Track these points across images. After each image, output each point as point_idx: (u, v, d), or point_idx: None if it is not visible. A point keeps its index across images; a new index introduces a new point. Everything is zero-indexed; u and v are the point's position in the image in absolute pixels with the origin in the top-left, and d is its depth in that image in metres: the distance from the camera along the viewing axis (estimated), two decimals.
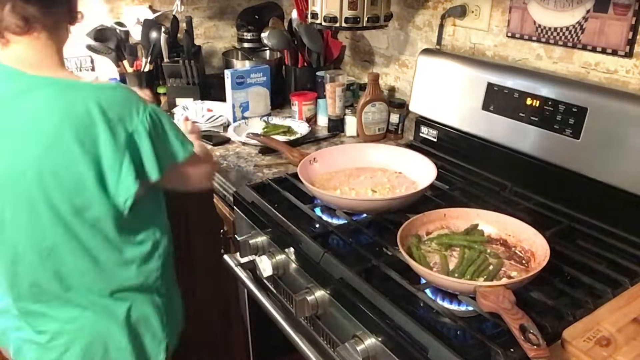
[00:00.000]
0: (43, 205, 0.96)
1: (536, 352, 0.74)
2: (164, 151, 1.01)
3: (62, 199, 0.95)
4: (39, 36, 0.96)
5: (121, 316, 1.09)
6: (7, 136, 0.95)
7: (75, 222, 0.98)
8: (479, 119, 1.41)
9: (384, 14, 1.62)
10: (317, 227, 1.19)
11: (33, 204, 0.96)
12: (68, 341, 1.08)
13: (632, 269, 1.01)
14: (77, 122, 0.91)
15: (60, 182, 0.94)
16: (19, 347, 1.12)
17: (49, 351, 1.08)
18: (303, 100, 1.84)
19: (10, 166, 0.95)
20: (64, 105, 0.91)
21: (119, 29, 2.01)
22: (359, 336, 0.93)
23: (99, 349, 1.09)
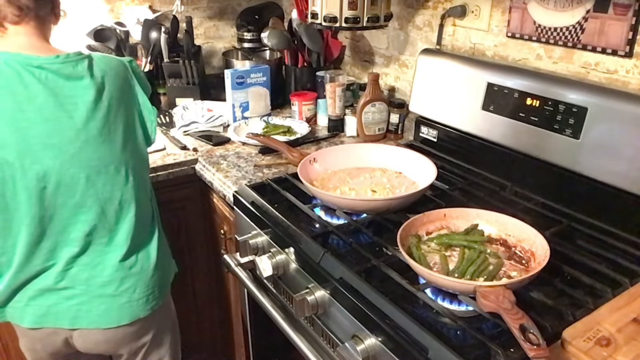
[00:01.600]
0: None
1: (536, 352, 0.74)
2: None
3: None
4: (34, 25, 1.10)
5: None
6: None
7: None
8: (479, 119, 1.41)
9: (384, 14, 1.62)
10: (317, 227, 1.19)
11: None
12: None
13: (632, 269, 1.01)
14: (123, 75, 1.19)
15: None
16: (78, 309, 1.17)
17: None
18: (303, 100, 1.84)
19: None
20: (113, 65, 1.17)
21: (119, 29, 2.01)
22: (359, 336, 0.93)
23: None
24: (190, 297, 1.81)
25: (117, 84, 1.14)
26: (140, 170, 1.20)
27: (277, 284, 1.22)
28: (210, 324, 1.88)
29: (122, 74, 1.16)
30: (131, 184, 1.16)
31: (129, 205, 1.17)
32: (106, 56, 1.18)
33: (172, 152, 1.65)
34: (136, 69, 1.22)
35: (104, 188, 1.13)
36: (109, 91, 1.12)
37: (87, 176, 1.10)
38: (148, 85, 1.25)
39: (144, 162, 1.24)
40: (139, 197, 1.19)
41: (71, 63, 1.09)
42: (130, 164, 1.16)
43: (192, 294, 1.81)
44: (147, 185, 1.25)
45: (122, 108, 1.14)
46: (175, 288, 1.33)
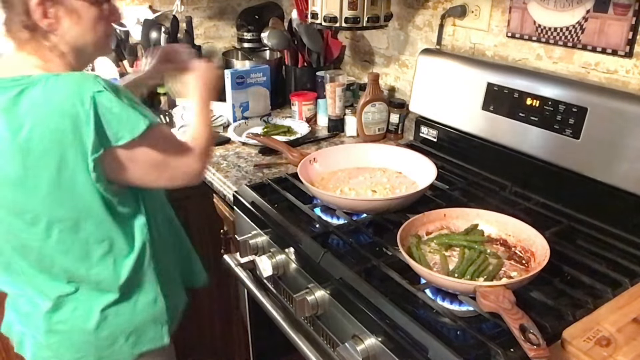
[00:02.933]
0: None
1: (536, 352, 0.74)
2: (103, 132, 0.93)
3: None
4: (12, 37, 0.97)
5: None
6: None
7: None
8: (479, 119, 1.41)
9: (384, 14, 1.62)
10: (317, 227, 1.19)
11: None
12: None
13: (632, 269, 1.01)
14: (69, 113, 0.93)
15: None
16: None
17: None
18: (303, 100, 1.84)
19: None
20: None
21: (119, 29, 2.01)
22: (359, 336, 0.93)
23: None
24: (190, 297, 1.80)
25: (50, 124, 0.88)
26: (78, 225, 0.98)
27: (277, 284, 1.22)
28: (210, 324, 1.87)
29: (65, 112, 0.88)
30: (54, 239, 0.98)
31: (51, 259, 1.00)
32: (56, 87, 0.90)
33: None
34: (102, 103, 0.89)
35: (19, 235, 0.99)
36: (31, 131, 0.88)
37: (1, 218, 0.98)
38: (123, 129, 0.91)
39: (88, 215, 0.97)
40: (69, 253, 1.00)
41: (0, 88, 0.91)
42: (57, 216, 0.96)
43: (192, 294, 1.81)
44: (86, 243, 1.00)
45: (52, 152, 0.90)
46: None
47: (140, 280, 1.08)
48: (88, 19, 0.97)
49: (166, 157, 1.00)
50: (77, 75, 0.92)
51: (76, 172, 0.92)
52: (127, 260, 1.04)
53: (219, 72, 1.24)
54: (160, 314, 1.11)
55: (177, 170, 1.03)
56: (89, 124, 0.89)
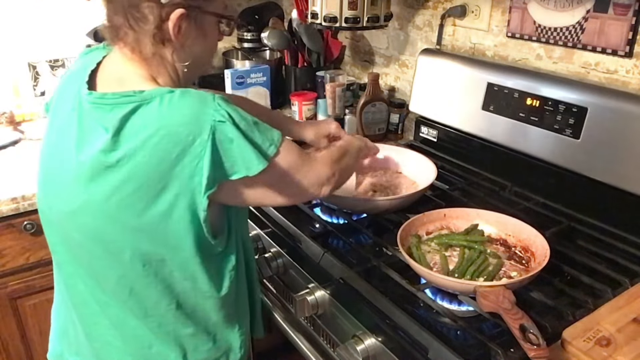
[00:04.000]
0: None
1: (536, 352, 0.74)
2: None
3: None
4: (125, 47, 0.87)
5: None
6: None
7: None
8: (479, 119, 1.41)
9: (384, 14, 1.62)
10: (317, 227, 1.19)
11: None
12: None
13: (632, 269, 1.01)
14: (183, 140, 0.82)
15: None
16: None
17: None
18: (303, 100, 1.84)
19: None
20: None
21: None
22: (359, 336, 0.93)
23: None
24: None
25: (159, 149, 0.78)
26: (164, 261, 0.87)
27: (277, 284, 1.22)
28: None
29: (179, 139, 0.77)
30: (136, 272, 0.88)
31: (128, 291, 0.90)
32: (172, 108, 0.79)
33: None
34: (223, 133, 0.78)
35: (98, 262, 0.89)
36: (135, 154, 0.78)
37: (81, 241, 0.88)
38: (248, 163, 0.80)
39: (177, 252, 0.86)
40: (149, 284, 0.89)
41: (105, 106, 0.81)
42: (142, 250, 0.86)
43: None
44: (175, 284, 0.90)
45: (153, 181, 0.80)
46: None
47: (221, 318, 0.98)
48: (212, 37, 0.92)
49: (297, 168, 0.88)
50: (196, 96, 0.81)
51: (174, 206, 0.81)
52: (210, 300, 0.94)
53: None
54: (233, 350, 1.01)
55: (299, 189, 0.91)
56: (203, 157, 0.78)
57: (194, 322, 0.95)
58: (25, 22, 1.88)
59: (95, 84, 0.88)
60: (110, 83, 0.87)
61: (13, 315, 1.48)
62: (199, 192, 0.80)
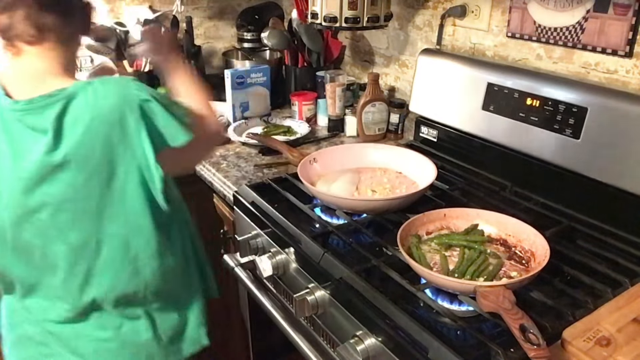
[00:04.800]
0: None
1: (536, 352, 0.74)
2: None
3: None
4: (52, 47, 0.92)
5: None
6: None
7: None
8: (479, 119, 1.41)
9: (384, 14, 1.62)
10: (317, 227, 1.19)
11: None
12: None
13: (632, 269, 1.01)
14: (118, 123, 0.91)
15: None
16: None
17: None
18: (303, 100, 1.84)
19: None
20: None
21: (119, 29, 2.01)
22: (359, 336, 0.93)
23: None
24: None
25: (99, 136, 0.85)
26: (129, 246, 0.95)
27: (277, 284, 1.22)
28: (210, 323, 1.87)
29: (114, 122, 0.86)
30: (104, 258, 0.95)
31: (101, 276, 0.97)
32: (98, 97, 0.86)
33: None
34: (151, 111, 0.89)
35: (67, 259, 0.94)
36: (79, 146, 0.85)
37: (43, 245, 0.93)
38: (176, 132, 0.91)
39: (139, 231, 0.96)
40: (119, 270, 0.97)
41: (35, 110, 0.85)
42: (108, 233, 0.93)
43: None
44: (136, 259, 0.98)
45: (102, 166, 0.87)
46: None
47: (181, 285, 1.08)
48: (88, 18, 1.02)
49: (203, 133, 1.02)
50: (116, 82, 0.89)
51: (126, 183, 0.90)
52: (171, 269, 1.04)
53: (161, 33, 1.24)
54: (200, 314, 1.13)
55: (210, 138, 1.09)
56: (140, 132, 0.87)
57: (160, 298, 1.04)
58: None
59: (8, 92, 0.91)
60: (25, 86, 0.90)
61: None
62: (148, 165, 0.89)
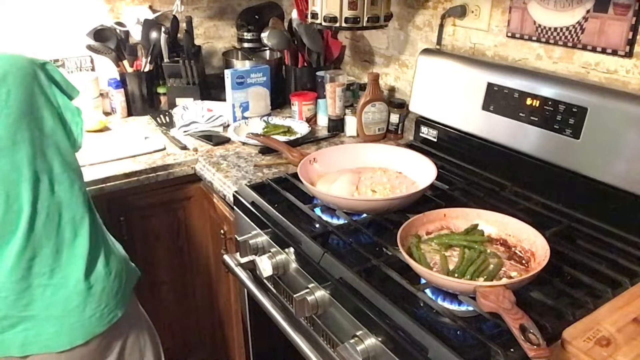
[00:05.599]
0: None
1: (536, 352, 0.74)
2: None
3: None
4: None
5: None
6: None
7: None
8: (479, 119, 1.41)
9: (384, 14, 1.62)
10: (317, 227, 1.19)
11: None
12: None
13: (632, 269, 1.01)
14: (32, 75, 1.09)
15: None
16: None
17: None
18: (303, 100, 1.84)
19: None
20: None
21: (119, 29, 2.01)
22: (359, 336, 0.93)
23: None
24: (190, 297, 1.81)
25: (23, 85, 1.05)
26: (68, 178, 1.11)
27: (277, 284, 1.22)
28: (210, 324, 1.88)
29: (30, 75, 1.06)
30: (60, 193, 1.09)
31: (58, 215, 1.10)
32: (11, 55, 1.07)
33: (172, 152, 1.65)
34: (52, 71, 1.11)
35: (27, 201, 1.05)
36: (11, 93, 1.02)
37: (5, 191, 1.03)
38: (72, 87, 1.15)
39: (71, 168, 1.13)
40: (73, 205, 1.12)
41: None
42: (53, 172, 1.08)
43: (192, 294, 1.81)
44: (80, 192, 1.14)
45: (30, 112, 1.05)
46: (176, 288, 1.33)
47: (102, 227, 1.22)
48: None
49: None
50: (12, 53, 1.08)
51: (55, 128, 1.09)
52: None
53: None
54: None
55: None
56: (51, 85, 1.09)
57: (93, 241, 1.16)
58: (25, 22, 1.88)
59: None
60: None
61: None
62: (68, 108, 1.12)
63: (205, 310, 1.84)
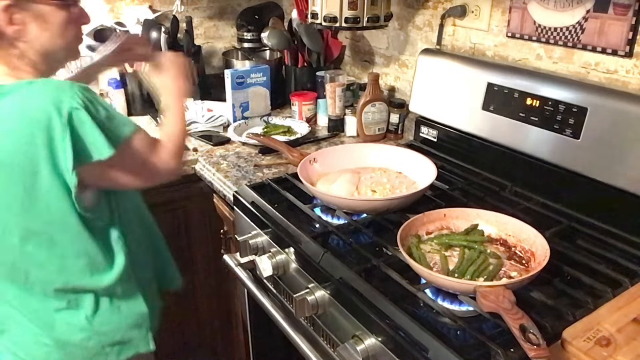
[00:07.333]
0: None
1: (536, 352, 0.74)
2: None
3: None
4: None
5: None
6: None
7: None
8: (479, 119, 1.41)
9: (384, 14, 1.62)
10: (317, 227, 1.19)
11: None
12: None
13: (632, 269, 1.01)
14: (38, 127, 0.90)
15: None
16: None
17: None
18: (303, 100, 1.84)
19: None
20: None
21: (119, 29, 2.01)
22: (359, 336, 0.93)
23: None
24: (190, 297, 1.81)
25: (23, 136, 0.86)
26: (53, 239, 0.96)
27: (277, 284, 1.22)
28: (210, 324, 1.88)
29: (39, 124, 0.85)
30: (29, 252, 0.96)
31: (26, 272, 0.99)
32: (29, 96, 0.87)
33: None
34: (81, 117, 0.87)
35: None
36: (3, 143, 0.87)
37: None
38: (100, 145, 0.90)
39: (64, 229, 0.96)
40: (44, 267, 0.98)
41: None
42: (32, 230, 0.95)
43: (192, 294, 1.81)
44: (62, 257, 0.98)
45: (25, 166, 0.88)
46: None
47: (122, 288, 1.06)
48: (57, 23, 0.94)
49: (143, 161, 1.00)
50: (52, 84, 0.89)
51: (52, 186, 0.90)
52: (107, 273, 1.02)
53: (186, 61, 1.22)
54: (144, 319, 1.10)
55: (154, 170, 1.02)
56: (64, 138, 0.86)
57: (94, 296, 1.03)
58: None
59: None
60: None
61: None
62: (68, 171, 0.89)
63: (205, 311, 1.84)
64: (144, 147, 1.00)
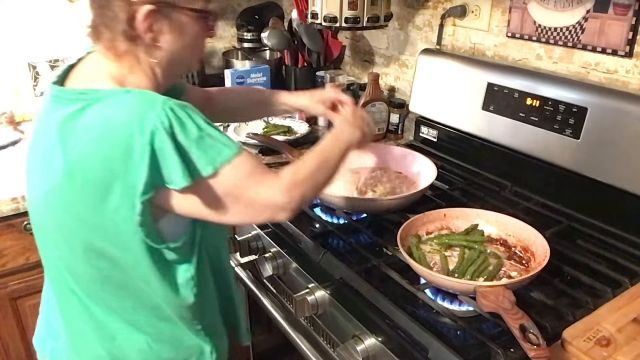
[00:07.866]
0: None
1: (536, 352, 0.74)
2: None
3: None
4: (101, 44, 0.89)
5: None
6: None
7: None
8: (479, 119, 1.41)
9: (384, 14, 1.62)
10: (317, 227, 1.19)
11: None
12: None
13: (632, 269, 1.01)
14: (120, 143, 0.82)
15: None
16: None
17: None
18: None
19: None
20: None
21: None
22: (359, 336, 0.93)
23: None
24: None
25: (102, 150, 0.79)
26: (116, 262, 0.88)
27: (277, 284, 1.22)
28: None
29: (120, 140, 0.77)
30: (94, 267, 0.90)
31: (92, 284, 0.93)
32: (117, 108, 0.79)
33: None
34: (163, 139, 0.76)
35: (65, 253, 0.91)
36: (82, 153, 0.80)
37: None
38: (183, 172, 0.78)
39: (127, 252, 0.86)
40: (105, 281, 0.91)
41: (62, 101, 0.83)
42: (98, 247, 0.87)
43: None
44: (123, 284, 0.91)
45: (99, 180, 0.80)
46: None
47: (184, 333, 0.97)
48: (191, 35, 0.89)
49: (241, 191, 0.83)
50: (145, 97, 0.80)
51: (121, 205, 0.81)
52: (167, 305, 0.93)
53: (364, 114, 1.14)
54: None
55: (254, 204, 0.85)
56: (143, 159, 0.77)
57: (154, 322, 0.95)
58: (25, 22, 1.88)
59: (67, 78, 0.90)
60: (79, 79, 0.88)
61: (13, 315, 1.48)
62: (136, 195, 0.78)
63: None
64: (238, 183, 0.83)
